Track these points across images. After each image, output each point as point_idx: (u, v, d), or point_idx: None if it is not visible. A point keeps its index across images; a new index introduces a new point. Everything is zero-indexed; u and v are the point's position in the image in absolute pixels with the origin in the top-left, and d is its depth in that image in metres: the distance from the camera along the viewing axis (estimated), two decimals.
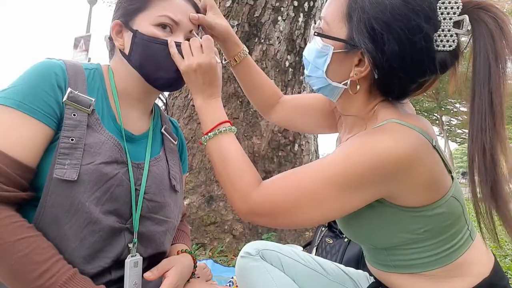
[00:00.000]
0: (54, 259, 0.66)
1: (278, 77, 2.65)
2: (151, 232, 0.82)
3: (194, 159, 2.51)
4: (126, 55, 0.82)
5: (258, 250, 1.01)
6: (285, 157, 2.62)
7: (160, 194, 0.84)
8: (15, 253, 0.63)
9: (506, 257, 2.60)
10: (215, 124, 0.81)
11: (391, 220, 0.73)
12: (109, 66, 0.87)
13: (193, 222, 2.34)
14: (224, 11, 2.64)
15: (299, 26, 2.72)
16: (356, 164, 0.66)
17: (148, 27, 0.80)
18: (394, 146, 0.65)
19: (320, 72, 0.79)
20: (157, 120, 0.95)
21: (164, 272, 0.79)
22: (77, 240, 0.70)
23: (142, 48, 0.80)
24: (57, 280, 0.64)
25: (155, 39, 0.80)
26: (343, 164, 0.68)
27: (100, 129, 0.76)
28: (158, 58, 0.81)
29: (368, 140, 0.68)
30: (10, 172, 0.66)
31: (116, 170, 0.75)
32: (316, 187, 0.68)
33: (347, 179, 0.67)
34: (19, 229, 0.65)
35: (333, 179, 0.68)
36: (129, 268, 0.76)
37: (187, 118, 2.62)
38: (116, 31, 0.85)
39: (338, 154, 0.70)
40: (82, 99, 0.75)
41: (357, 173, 0.66)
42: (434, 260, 0.74)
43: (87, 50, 7.74)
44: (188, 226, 1.11)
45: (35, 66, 0.74)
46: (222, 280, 1.73)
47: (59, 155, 0.69)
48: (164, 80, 0.84)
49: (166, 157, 0.91)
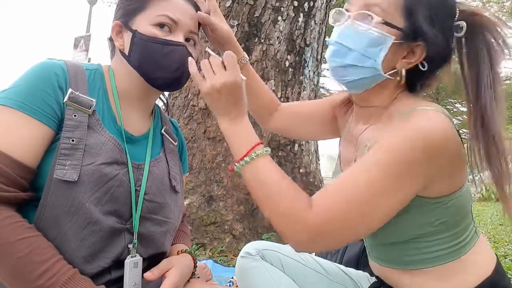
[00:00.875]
0: (54, 259, 0.66)
1: (278, 77, 2.65)
2: (151, 232, 0.82)
3: (194, 159, 2.51)
4: (126, 55, 0.82)
5: (258, 250, 1.01)
6: (285, 157, 2.62)
7: (160, 194, 0.84)
8: (16, 253, 0.63)
9: (506, 257, 2.60)
10: (249, 148, 0.74)
11: (415, 211, 0.74)
12: (110, 66, 0.87)
13: (193, 222, 2.34)
14: (224, 11, 2.64)
15: (299, 26, 2.72)
16: (404, 151, 0.66)
17: (147, 27, 0.80)
18: (433, 127, 0.67)
19: (371, 61, 0.76)
20: (157, 121, 0.95)
21: (164, 272, 0.79)
22: (77, 240, 0.70)
23: (141, 48, 0.80)
24: (57, 280, 0.64)
25: (154, 39, 0.80)
26: (391, 154, 0.66)
27: (100, 130, 0.76)
28: (157, 57, 0.80)
29: (408, 126, 0.68)
30: (10, 172, 0.66)
31: (117, 171, 0.75)
32: (374, 186, 0.65)
33: (399, 168, 0.66)
34: (19, 229, 0.65)
35: (387, 171, 0.65)
36: (129, 269, 0.76)
37: (187, 118, 2.62)
38: (116, 32, 0.85)
39: (381, 148, 0.68)
40: (82, 99, 0.75)
41: (408, 158, 0.65)
42: (443, 255, 0.75)
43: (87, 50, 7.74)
44: (188, 226, 1.11)
45: (36, 67, 0.74)
46: (222, 280, 1.73)
47: (59, 156, 0.69)
48: (163, 80, 0.83)
49: (166, 158, 0.91)
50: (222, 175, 2.47)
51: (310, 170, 2.77)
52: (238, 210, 2.41)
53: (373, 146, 0.71)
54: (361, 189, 0.66)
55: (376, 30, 0.74)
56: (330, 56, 0.81)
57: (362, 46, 0.76)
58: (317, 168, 2.89)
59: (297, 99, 2.72)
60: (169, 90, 0.90)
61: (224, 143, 2.51)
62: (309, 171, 2.76)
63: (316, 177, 2.84)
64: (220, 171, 2.48)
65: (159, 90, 0.87)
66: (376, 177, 0.65)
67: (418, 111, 0.72)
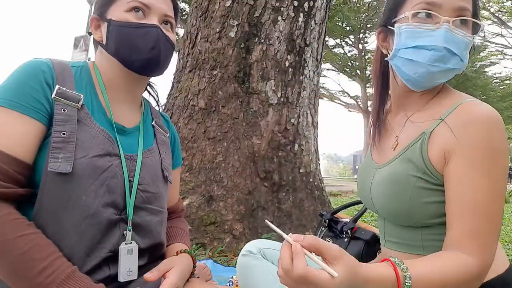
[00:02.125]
0: (53, 256, 0.66)
1: (278, 77, 2.65)
2: (147, 222, 0.84)
3: (194, 159, 2.51)
4: (104, 45, 0.85)
5: (259, 248, 1.02)
6: (285, 157, 2.62)
7: (154, 184, 0.86)
8: (16, 250, 0.63)
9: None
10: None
11: None
12: (94, 62, 0.89)
13: (193, 222, 2.34)
14: (224, 11, 2.65)
15: (299, 26, 2.72)
16: (495, 139, 0.71)
17: (121, 13, 0.83)
18: (495, 112, 0.73)
19: (462, 64, 0.80)
20: (147, 113, 0.97)
21: (164, 273, 0.79)
22: (77, 234, 0.71)
23: (116, 33, 0.82)
24: (56, 278, 0.64)
25: (127, 23, 0.82)
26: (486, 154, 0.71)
27: (91, 123, 0.77)
28: (131, 41, 0.82)
29: (480, 119, 0.73)
30: (7, 168, 0.67)
31: (110, 162, 0.77)
32: (500, 192, 0.71)
33: (500, 160, 0.71)
34: (20, 226, 0.66)
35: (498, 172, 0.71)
36: (123, 255, 0.77)
37: (187, 118, 2.62)
38: (95, 26, 0.88)
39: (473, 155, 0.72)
40: (70, 95, 0.76)
41: (501, 143, 0.71)
42: None
43: (87, 50, 7.75)
44: (186, 222, 1.12)
45: (22, 66, 0.76)
46: (222, 280, 1.73)
47: (52, 149, 0.70)
48: (140, 62, 0.84)
49: (158, 148, 0.93)
50: (222, 175, 2.47)
51: (310, 170, 2.78)
52: (238, 210, 2.41)
53: (456, 153, 0.74)
54: (497, 205, 0.71)
55: (470, 37, 0.79)
56: (434, 62, 0.78)
57: (461, 51, 0.78)
58: (317, 168, 2.89)
59: (297, 99, 2.73)
60: (149, 73, 0.90)
61: (224, 143, 2.51)
62: (309, 171, 2.76)
63: (316, 177, 2.84)
64: (220, 171, 2.48)
65: (139, 74, 0.87)
66: (496, 185, 0.71)
67: (468, 104, 0.76)
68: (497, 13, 14.95)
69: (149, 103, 1.02)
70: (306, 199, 2.65)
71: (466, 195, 0.71)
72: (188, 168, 2.50)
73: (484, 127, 0.71)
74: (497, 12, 14.93)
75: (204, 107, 2.59)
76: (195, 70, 2.71)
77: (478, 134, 0.71)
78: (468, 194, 0.71)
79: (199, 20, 2.77)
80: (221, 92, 2.59)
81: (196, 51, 2.73)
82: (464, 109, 0.75)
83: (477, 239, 0.69)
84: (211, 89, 2.61)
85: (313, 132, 2.88)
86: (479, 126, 0.72)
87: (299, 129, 2.71)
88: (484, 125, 0.72)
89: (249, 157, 2.50)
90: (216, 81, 2.61)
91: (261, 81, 2.61)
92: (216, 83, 2.61)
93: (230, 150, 2.50)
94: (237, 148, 2.50)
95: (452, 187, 0.73)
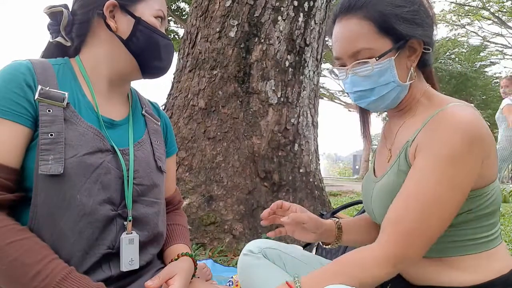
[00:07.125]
0: (47, 259, 0.66)
1: (278, 77, 2.65)
2: (144, 214, 0.83)
3: (194, 159, 2.51)
4: (124, 40, 0.82)
5: (260, 248, 1.02)
6: (285, 157, 2.62)
7: (147, 177, 0.86)
8: (6, 258, 0.63)
9: None
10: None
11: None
12: (78, 56, 0.86)
13: (193, 222, 2.34)
14: (224, 11, 2.65)
15: (299, 26, 2.72)
16: (456, 143, 0.70)
17: (150, 17, 0.84)
18: (472, 119, 0.72)
19: (391, 84, 0.82)
20: (135, 103, 0.96)
21: (166, 281, 0.78)
22: (75, 234, 0.71)
23: (147, 37, 0.83)
24: (51, 281, 0.64)
25: (157, 30, 0.84)
26: (445, 159, 0.71)
27: (78, 121, 0.76)
28: (158, 48, 0.85)
29: (449, 123, 0.73)
30: None
31: (101, 159, 0.76)
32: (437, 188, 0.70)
33: (457, 168, 0.70)
34: (9, 233, 0.65)
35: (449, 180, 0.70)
36: (124, 245, 0.77)
37: (187, 118, 2.61)
38: (110, 13, 0.82)
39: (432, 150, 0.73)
40: (54, 94, 0.75)
41: (463, 151, 0.70)
42: (477, 244, 0.78)
43: None
44: (184, 214, 1.11)
45: (1, 70, 0.74)
46: (222, 280, 1.73)
47: (41, 152, 0.70)
48: (156, 70, 0.88)
49: (150, 139, 0.92)
50: (222, 175, 2.47)
51: (310, 170, 2.78)
52: (238, 210, 2.41)
53: (420, 152, 0.75)
54: (425, 197, 0.71)
55: (378, 65, 0.80)
56: (356, 101, 0.88)
57: (376, 80, 0.82)
58: (317, 168, 2.89)
59: (297, 99, 2.73)
60: (153, 78, 0.93)
61: (224, 143, 2.51)
62: (309, 171, 2.76)
63: (316, 177, 2.84)
64: (220, 171, 2.47)
65: (145, 77, 0.90)
66: (442, 188, 0.70)
67: (449, 108, 0.77)
68: (497, 13, 14.95)
69: (136, 92, 1.01)
70: (306, 199, 2.65)
71: (407, 187, 0.74)
72: (188, 168, 2.49)
73: (450, 132, 0.71)
74: (497, 12, 14.93)
75: (204, 107, 2.58)
76: (195, 70, 2.70)
77: (442, 137, 0.72)
78: (409, 187, 0.74)
79: (199, 20, 2.77)
80: (221, 92, 2.59)
81: (196, 51, 2.73)
82: (443, 113, 0.76)
83: (395, 226, 0.71)
84: (211, 89, 2.61)
85: (313, 132, 2.88)
86: (445, 130, 0.72)
87: (299, 129, 2.71)
88: (450, 129, 0.72)
89: (249, 157, 2.49)
90: (216, 81, 2.61)
91: (261, 81, 2.61)
92: (216, 83, 2.60)
93: (230, 150, 2.50)
94: (237, 148, 2.50)
95: (404, 181, 0.76)
